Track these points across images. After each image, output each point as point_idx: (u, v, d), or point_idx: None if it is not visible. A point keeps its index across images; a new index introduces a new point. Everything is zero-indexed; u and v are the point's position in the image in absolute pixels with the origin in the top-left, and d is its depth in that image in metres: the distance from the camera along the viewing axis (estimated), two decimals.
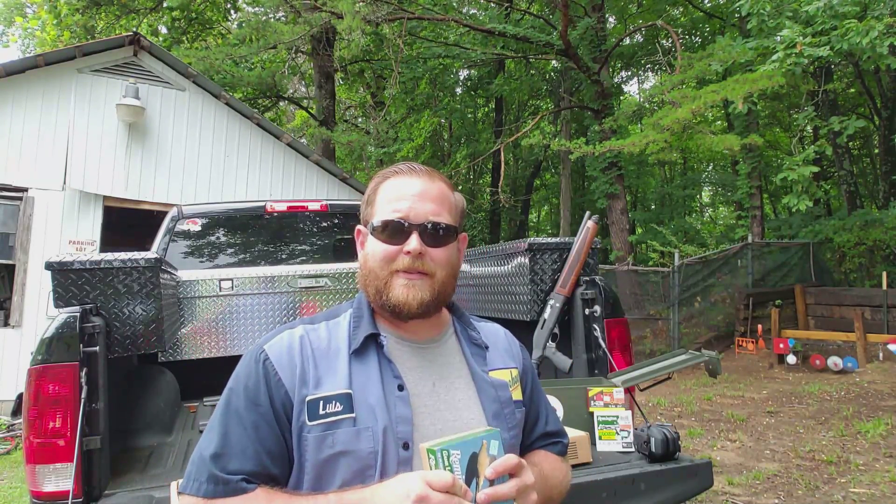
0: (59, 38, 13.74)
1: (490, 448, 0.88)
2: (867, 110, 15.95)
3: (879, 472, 4.59)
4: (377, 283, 1.03)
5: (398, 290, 1.01)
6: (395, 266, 1.02)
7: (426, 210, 1.03)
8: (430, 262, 1.02)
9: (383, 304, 1.03)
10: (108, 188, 7.69)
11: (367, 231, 1.08)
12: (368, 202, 1.09)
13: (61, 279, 2.18)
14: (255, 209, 3.87)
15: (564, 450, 1.23)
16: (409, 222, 1.02)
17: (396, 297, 1.01)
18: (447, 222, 1.05)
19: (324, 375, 1.00)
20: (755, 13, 7.03)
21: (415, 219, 1.02)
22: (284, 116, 20.24)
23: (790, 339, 9.01)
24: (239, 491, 0.93)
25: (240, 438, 0.96)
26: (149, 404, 2.70)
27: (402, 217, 1.02)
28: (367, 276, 1.06)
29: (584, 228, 2.81)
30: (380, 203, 1.06)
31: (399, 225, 1.02)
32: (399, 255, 1.02)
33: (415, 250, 1.00)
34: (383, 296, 1.03)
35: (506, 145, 13.43)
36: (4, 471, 5.39)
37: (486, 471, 0.86)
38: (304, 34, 10.57)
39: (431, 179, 1.07)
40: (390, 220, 1.03)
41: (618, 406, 2.35)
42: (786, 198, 8.50)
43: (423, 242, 1.01)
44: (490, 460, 0.87)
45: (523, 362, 1.20)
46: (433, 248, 1.03)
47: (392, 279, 1.02)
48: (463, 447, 0.87)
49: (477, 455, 0.87)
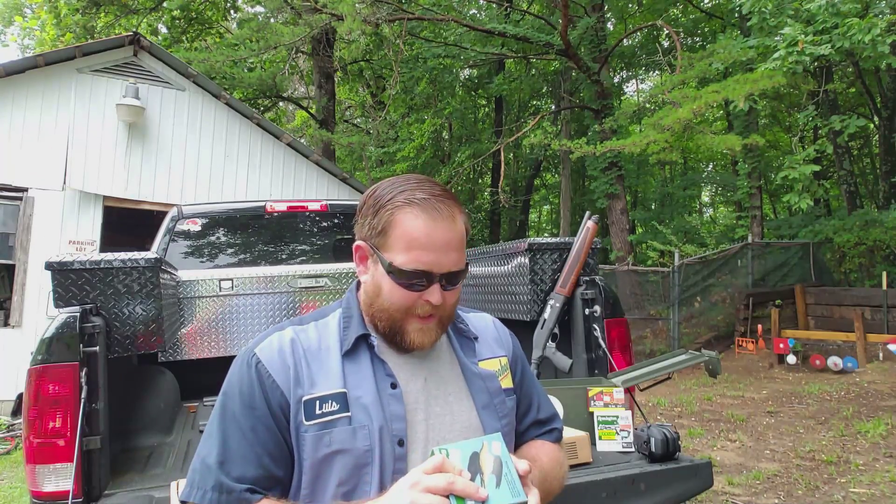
0: (59, 39, 13.74)
1: (492, 448, 0.88)
2: (867, 110, 15.93)
3: (879, 472, 4.59)
4: (392, 323, 1.03)
5: (413, 334, 1.02)
6: (413, 311, 1.02)
7: (450, 261, 1.01)
8: (444, 306, 1.03)
9: (395, 342, 1.04)
10: (108, 188, 7.69)
11: (376, 259, 1.03)
12: (381, 232, 1.01)
13: (61, 279, 2.18)
14: (255, 209, 3.86)
15: (559, 436, 1.24)
16: (431, 274, 1.00)
17: (412, 340, 1.02)
18: (464, 266, 1.04)
19: (317, 375, 1.00)
20: (756, 11, 7.03)
21: (438, 270, 1.00)
22: (284, 117, 20.24)
23: (790, 339, 9.01)
24: (244, 502, 0.93)
25: (239, 444, 0.96)
26: (149, 404, 2.70)
27: (426, 269, 0.99)
28: (380, 312, 1.04)
29: (584, 228, 2.81)
30: (397, 240, 1.00)
31: (421, 276, 1.00)
32: (417, 302, 1.01)
33: (437, 301, 1.00)
34: (397, 336, 1.03)
35: (506, 145, 13.43)
36: (4, 471, 5.39)
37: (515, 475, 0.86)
38: (304, 35, 10.57)
39: (454, 222, 1.01)
40: (413, 270, 0.99)
41: (618, 406, 2.35)
42: (786, 196, 8.51)
43: (442, 292, 1.01)
44: (493, 460, 0.87)
45: (513, 350, 1.21)
46: (449, 292, 1.03)
47: (407, 323, 1.02)
48: (463, 447, 0.87)
49: (478, 454, 0.87)
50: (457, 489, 0.81)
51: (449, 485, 0.81)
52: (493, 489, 0.84)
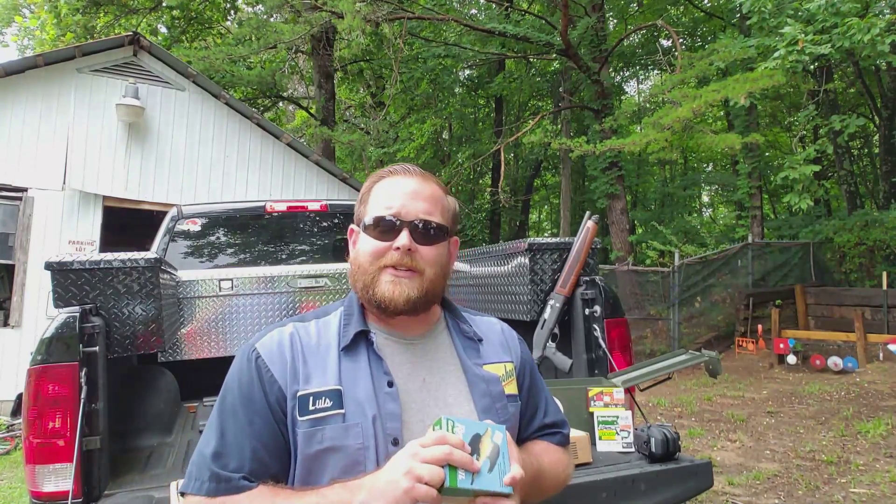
0: (59, 39, 13.73)
1: (494, 436, 0.89)
2: (867, 110, 15.94)
3: (880, 472, 4.59)
4: (365, 277, 1.04)
5: (384, 285, 1.02)
6: (384, 262, 1.02)
7: (417, 208, 1.04)
8: (419, 260, 1.03)
9: (370, 300, 1.04)
10: (108, 188, 7.69)
11: (359, 230, 1.09)
12: (362, 201, 1.10)
13: (61, 279, 2.18)
14: (254, 209, 3.86)
15: (564, 440, 1.22)
16: (399, 219, 1.03)
17: (382, 292, 1.02)
18: (438, 221, 1.06)
19: (313, 371, 1.00)
20: (756, 11, 7.03)
21: (406, 216, 1.03)
22: (284, 116, 20.23)
23: (790, 340, 9.00)
24: (242, 489, 0.94)
25: (236, 436, 0.97)
26: (149, 404, 2.69)
27: (393, 214, 1.03)
28: (357, 272, 1.06)
29: (584, 228, 2.81)
30: (372, 201, 1.08)
31: (390, 222, 1.03)
32: (388, 251, 1.02)
33: (404, 246, 1.01)
34: (370, 290, 1.03)
35: (506, 145, 13.43)
36: (4, 471, 5.39)
37: (507, 478, 0.86)
38: (304, 34, 10.56)
39: (425, 180, 1.08)
40: (381, 216, 1.04)
41: (618, 406, 2.35)
42: (787, 197, 8.50)
43: (413, 240, 1.02)
44: (492, 447, 0.88)
45: (521, 356, 1.20)
46: (423, 246, 1.03)
47: (379, 275, 1.03)
48: (468, 425, 0.88)
49: (480, 437, 0.88)
50: (454, 459, 0.82)
51: (446, 455, 0.82)
52: (484, 472, 0.85)
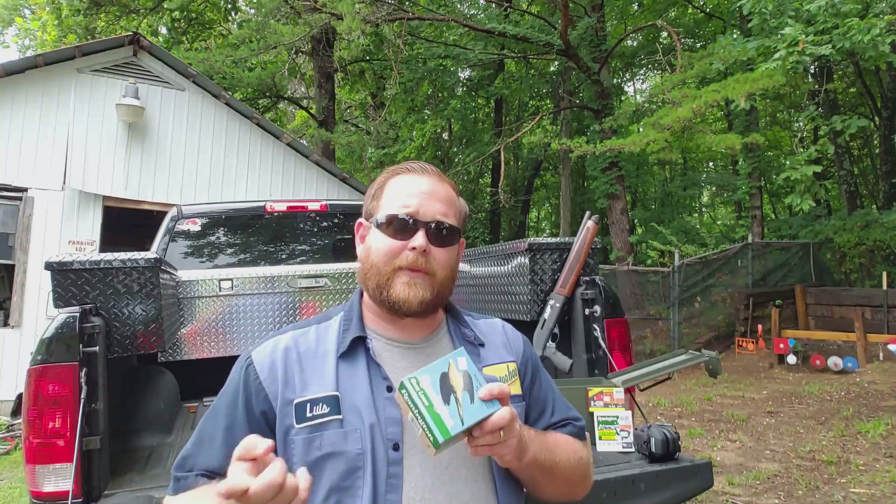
0: (61, 40, 13.73)
1: (458, 365, 0.88)
2: (867, 110, 15.93)
3: (880, 472, 4.59)
4: (378, 278, 1.02)
5: (399, 287, 1.00)
6: (399, 262, 1.01)
7: (434, 209, 1.03)
8: (433, 262, 1.02)
9: (383, 301, 1.02)
10: (108, 188, 7.69)
11: (370, 224, 1.07)
12: (375, 196, 1.08)
13: (61, 279, 2.17)
14: (254, 209, 3.86)
15: (578, 431, 1.18)
16: (416, 219, 1.02)
17: (397, 294, 1.00)
18: (452, 223, 1.05)
19: (310, 378, 1.00)
20: (756, 12, 7.03)
21: (423, 216, 1.02)
22: (284, 117, 20.22)
23: (790, 340, 9.00)
24: (189, 486, 0.95)
25: (212, 438, 0.99)
26: (148, 404, 2.69)
27: (409, 213, 1.02)
28: (369, 271, 1.04)
29: (584, 228, 2.80)
30: (387, 198, 1.05)
31: (406, 221, 1.02)
32: (403, 251, 1.01)
33: (420, 247, 1.00)
34: (384, 291, 1.01)
35: (506, 145, 13.43)
36: (4, 471, 5.39)
37: (481, 392, 0.86)
38: (304, 35, 10.56)
39: (441, 181, 1.07)
40: (398, 215, 1.02)
41: (618, 406, 2.34)
42: (788, 198, 8.49)
43: (428, 241, 1.01)
44: (462, 375, 0.87)
45: (523, 354, 1.18)
46: (437, 248, 1.02)
47: (394, 276, 1.01)
48: (431, 371, 0.87)
49: (447, 374, 0.87)
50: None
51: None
52: (468, 406, 0.85)
